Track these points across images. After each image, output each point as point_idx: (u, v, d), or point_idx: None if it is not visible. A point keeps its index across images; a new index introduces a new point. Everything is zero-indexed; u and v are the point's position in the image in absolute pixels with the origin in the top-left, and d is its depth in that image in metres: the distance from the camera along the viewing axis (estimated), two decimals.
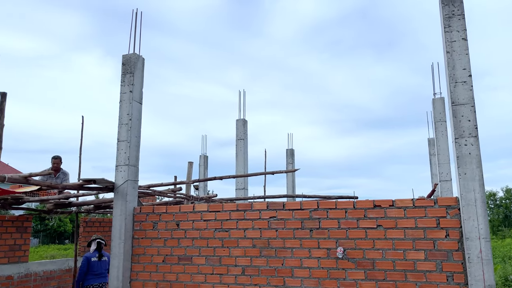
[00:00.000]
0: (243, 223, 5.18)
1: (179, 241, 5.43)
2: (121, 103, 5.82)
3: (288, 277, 4.86)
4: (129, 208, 5.58)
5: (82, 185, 5.67)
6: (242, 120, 10.34)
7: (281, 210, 5.05)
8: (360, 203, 4.78)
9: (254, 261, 5.03)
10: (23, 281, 8.18)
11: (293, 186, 13.58)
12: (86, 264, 7.00)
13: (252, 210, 5.19)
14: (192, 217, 5.44)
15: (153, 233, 5.57)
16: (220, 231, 5.26)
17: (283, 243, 4.96)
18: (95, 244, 7.24)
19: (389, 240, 4.58)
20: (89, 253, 7.19)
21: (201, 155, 14.85)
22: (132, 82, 5.83)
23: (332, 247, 4.76)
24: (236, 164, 10.19)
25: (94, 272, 7.05)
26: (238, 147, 10.24)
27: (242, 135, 10.26)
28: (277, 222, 5.03)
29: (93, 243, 7.27)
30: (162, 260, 5.45)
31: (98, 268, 7.11)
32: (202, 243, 5.31)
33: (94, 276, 7.07)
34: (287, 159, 14.15)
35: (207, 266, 5.22)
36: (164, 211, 5.61)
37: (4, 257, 7.87)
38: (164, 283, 5.37)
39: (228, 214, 5.27)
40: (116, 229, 5.52)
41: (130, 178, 5.62)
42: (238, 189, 9.89)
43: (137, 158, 5.82)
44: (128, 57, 5.95)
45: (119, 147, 5.72)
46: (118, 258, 5.42)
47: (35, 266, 8.59)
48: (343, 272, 4.67)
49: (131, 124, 5.73)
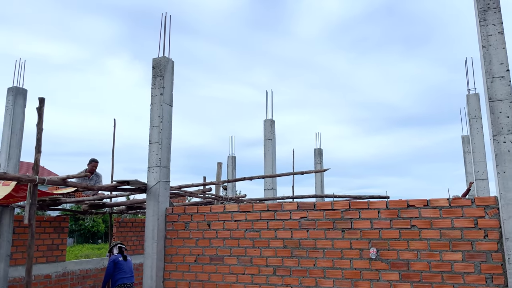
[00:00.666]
0: (274, 223, 5.18)
1: (211, 241, 5.48)
2: (152, 106, 5.94)
3: (320, 277, 4.83)
4: (161, 208, 5.68)
5: (116, 187, 5.82)
6: (269, 120, 10.34)
7: (312, 211, 5.02)
8: (393, 203, 4.69)
9: (285, 261, 5.02)
10: (60, 279, 8.47)
11: (322, 186, 13.46)
12: (113, 265, 7.34)
13: (282, 210, 5.18)
14: (222, 217, 5.48)
15: (185, 233, 5.65)
16: (251, 231, 5.28)
17: (314, 244, 4.93)
18: (117, 249, 7.58)
19: (424, 241, 4.47)
20: (114, 256, 7.47)
21: (229, 156, 14.95)
22: (162, 85, 5.94)
23: (364, 248, 4.69)
24: (265, 164, 10.20)
25: (123, 271, 7.38)
26: (266, 147, 10.25)
27: (270, 135, 10.25)
28: (308, 223, 5.00)
29: (115, 248, 7.59)
30: (194, 260, 5.52)
31: (126, 268, 7.42)
32: (233, 243, 5.34)
33: (125, 275, 7.37)
34: (315, 159, 14.05)
35: (239, 266, 5.25)
36: (195, 212, 5.68)
37: (42, 257, 8.18)
38: (196, 282, 5.44)
39: (258, 214, 5.28)
40: (149, 229, 5.63)
41: (162, 179, 5.73)
42: (266, 189, 9.89)
43: (168, 160, 5.92)
44: (158, 61, 6.05)
45: (150, 149, 5.83)
46: (152, 258, 5.53)
47: (72, 265, 8.89)
48: (377, 273, 4.59)
49: (162, 126, 5.83)
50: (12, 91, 7.31)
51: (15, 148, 7.16)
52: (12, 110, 7.19)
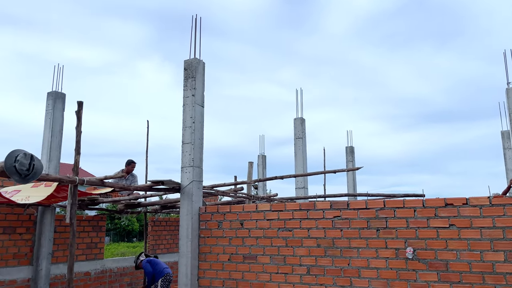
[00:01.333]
0: (307, 222, 5.16)
1: (244, 240, 5.52)
2: (184, 107, 6.04)
3: (355, 277, 4.77)
4: (195, 208, 5.77)
5: (151, 186, 5.95)
6: (300, 118, 10.30)
7: (345, 210, 4.96)
8: (430, 201, 4.57)
9: (319, 260, 4.99)
10: (99, 277, 8.77)
11: (354, 185, 13.28)
12: (149, 264, 7.65)
13: (315, 209, 5.15)
14: (255, 217, 5.51)
15: (218, 232, 5.72)
16: (284, 231, 5.28)
17: (348, 243, 4.87)
18: (143, 256, 7.93)
19: (463, 241, 4.33)
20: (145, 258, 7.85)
21: (259, 155, 14.99)
22: (194, 86, 6.02)
23: (400, 247, 4.59)
24: (295, 163, 10.16)
25: (161, 264, 7.72)
26: (297, 146, 10.21)
27: (300, 133, 10.21)
28: (341, 222, 4.95)
29: (141, 256, 7.94)
30: (227, 259, 5.58)
31: (161, 262, 7.79)
32: (266, 242, 5.36)
33: (164, 267, 7.73)
34: (346, 157, 13.87)
35: (272, 265, 5.26)
36: (228, 211, 5.74)
37: (82, 254, 8.49)
38: (230, 281, 5.49)
39: (291, 213, 5.28)
40: (184, 228, 5.73)
41: (195, 179, 5.81)
42: (298, 188, 9.85)
43: (201, 160, 6.01)
44: (189, 62, 6.15)
45: (183, 149, 5.93)
46: (186, 257, 5.63)
47: (110, 263, 9.17)
48: (414, 273, 4.49)
49: (194, 127, 5.92)
50: (51, 95, 7.62)
51: (55, 150, 7.46)
52: (52, 114, 7.49)
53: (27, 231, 7.42)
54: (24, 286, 7.26)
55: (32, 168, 3.92)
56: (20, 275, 7.22)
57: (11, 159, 3.81)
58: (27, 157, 3.91)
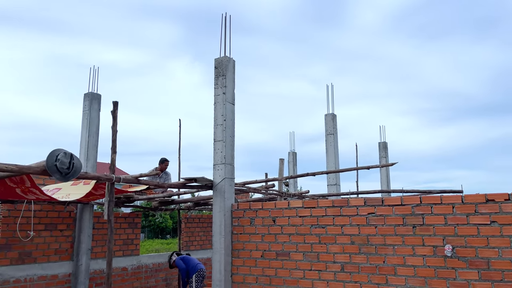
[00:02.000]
0: (340, 219, 5.09)
1: (276, 236, 5.52)
2: (216, 105, 6.09)
3: (390, 275, 4.67)
4: (227, 204, 5.82)
5: (185, 184, 6.05)
6: (331, 114, 10.17)
7: (380, 206, 4.87)
8: (470, 197, 4.40)
9: (353, 258, 4.92)
10: (135, 272, 9.01)
11: (388, 181, 12.99)
12: (181, 261, 7.88)
13: (348, 206, 5.07)
14: (287, 213, 5.50)
15: (251, 229, 5.74)
16: (317, 227, 5.24)
17: (383, 240, 4.78)
18: (175, 255, 8.12)
19: (506, 238, 4.16)
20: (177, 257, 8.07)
21: (289, 152, 14.92)
22: (224, 84, 6.06)
23: (438, 245, 4.46)
24: (327, 159, 10.05)
25: (195, 261, 7.93)
26: (328, 142, 10.09)
27: (331, 130, 10.08)
28: (376, 219, 4.86)
29: (173, 256, 8.14)
30: (260, 255, 5.59)
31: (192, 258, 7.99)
32: (299, 239, 5.33)
33: (198, 262, 7.93)
34: (380, 153, 13.58)
35: (305, 262, 5.24)
36: (260, 207, 5.75)
37: (119, 250, 8.74)
38: (263, 277, 5.51)
39: (323, 210, 5.23)
40: (216, 225, 5.79)
41: (227, 176, 5.86)
42: (330, 185, 9.74)
43: (233, 157, 6.05)
44: (220, 61, 6.19)
45: (215, 147, 5.99)
46: (219, 253, 5.69)
47: (145, 259, 9.40)
48: (453, 271, 4.35)
49: (225, 125, 5.96)
50: (88, 96, 7.87)
51: (92, 149, 7.71)
52: (88, 114, 7.74)
53: (68, 227, 7.72)
54: (65, 281, 7.56)
55: (72, 166, 4.07)
56: (62, 270, 7.52)
57: (52, 158, 3.97)
58: (67, 156, 4.06)
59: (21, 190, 5.12)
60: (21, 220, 6.93)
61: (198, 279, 7.81)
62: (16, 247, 6.94)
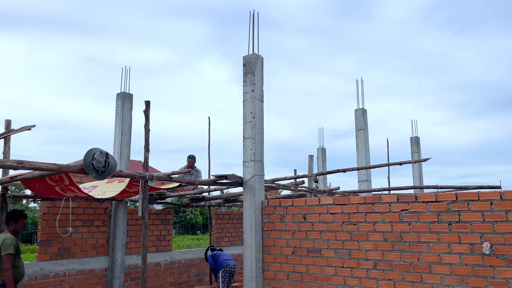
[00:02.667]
0: (372, 216, 5.02)
1: (307, 233, 5.50)
2: (244, 102, 6.12)
3: (425, 273, 4.57)
4: (257, 201, 5.85)
5: (215, 181, 6.13)
6: (361, 109, 10.02)
7: (413, 203, 4.76)
8: (509, 193, 4.24)
9: (386, 255, 4.85)
10: (168, 267, 9.21)
11: (421, 177, 12.68)
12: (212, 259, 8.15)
13: (381, 203, 5.00)
14: (318, 210, 5.47)
15: (281, 226, 5.75)
16: (348, 224, 5.19)
17: (417, 237, 4.68)
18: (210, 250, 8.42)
19: None
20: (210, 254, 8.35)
21: (318, 148, 14.81)
22: (253, 81, 6.08)
23: (476, 242, 4.33)
24: (357, 155, 9.92)
25: (222, 256, 8.09)
26: (358, 138, 9.95)
27: (362, 125, 9.94)
28: (409, 215, 4.76)
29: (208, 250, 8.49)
30: (291, 252, 5.60)
31: (225, 254, 8.20)
32: (330, 236, 5.30)
33: (227, 258, 8.10)
34: (412, 148, 13.27)
35: (337, 259, 5.20)
36: (290, 204, 5.75)
37: (152, 246, 8.95)
38: (294, 274, 5.51)
39: (355, 207, 5.17)
40: (247, 222, 5.84)
41: (257, 173, 5.89)
42: (360, 181, 9.61)
43: (262, 154, 6.06)
44: (248, 58, 6.21)
45: (244, 144, 6.02)
46: (251, 250, 5.73)
47: (178, 255, 9.59)
48: (491, 269, 4.21)
49: (254, 122, 5.98)
50: (120, 96, 8.08)
51: (125, 148, 7.92)
52: (121, 114, 7.95)
53: (103, 224, 7.97)
54: (102, 275, 7.82)
55: (108, 165, 4.20)
56: (99, 264, 7.79)
57: (89, 157, 4.11)
58: (103, 155, 4.19)
59: (60, 188, 5.33)
60: (60, 216, 7.21)
61: (225, 275, 7.89)
62: (56, 243, 7.24)
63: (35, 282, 6.86)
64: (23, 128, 3.55)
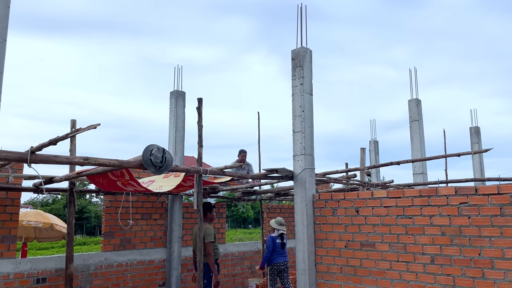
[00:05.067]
0: (428, 209, 4.87)
1: (360, 227, 5.44)
2: (293, 96, 6.13)
3: (487, 268, 4.37)
4: (308, 195, 5.86)
5: (266, 175, 6.21)
6: (415, 100, 9.66)
7: (473, 195, 4.56)
8: None
9: (444, 249, 4.69)
10: (223, 259, 9.47)
11: (481, 169, 12.01)
12: (272, 243, 7.76)
13: (437, 195, 4.83)
14: (371, 204, 5.38)
15: (333, 219, 5.72)
16: (403, 218, 5.06)
17: (478, 232, 4.47)
18: (277, 232, 7.99)
19: None
20: (273, 235, 7.92)
21: (370, 140, 14.48)
22: (302, 75, 6.08)
23: None
24: (412, 147, 9.59)
25: (277, 252, 7.86)
26: (413, 129, 9.61)
27: (416, 116, 9.59)
28: (469, 209, 4.57)
29: (276, 231, 8.01)
30: (344, 246, 5.56)
31: (280, 249, 7.94)
32: (384, 230, 5.20)
33: (278, 255, 7.89)
34: (471, 139, 12.59)
35: (391, 253, 5.10)
36: (342, 198, 5.71)
37: None
38: (348, 267, 5.48)
39: (410, 200, 5.03)
40: (299, 215, 5.87)
41: (307, 167, 5.89)
42: (416, 174, 9.30)
43: (312, 147, 6.06)
44: (297, 52, 6.21)
45: (294, 138, 6.04)
46: (303, 243, 5.76)
47: (231, 247, 9.83)
48: None
49: (304, 116, 5.98)
50: (173, 94, 8.39)
51: (179, 144, 8.23)
52: (175, 111, 8.26)
53: (160, 217, 8.35)
54: (160, 266, 8.21)
55: (164, 160, 4.41)
56: (157, 256, 8.18)
57: (147, 153, 4.33)
58: (160, 151, 4.40)
59: (121, 182, 5.65)
60: (121, 210, 7.66)
61: (272, 272, 7.84)
62: (118, 235, 7.70)
63: (101, 271, 7.35)
64: (90, 126, 3.82)
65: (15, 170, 6.44)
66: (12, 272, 6.27)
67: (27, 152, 3.83)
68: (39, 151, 3.99)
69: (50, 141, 4.02)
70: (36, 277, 6.54)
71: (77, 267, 6.99)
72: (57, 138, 3.99)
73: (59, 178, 5.74)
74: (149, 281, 7.99)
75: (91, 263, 7.25)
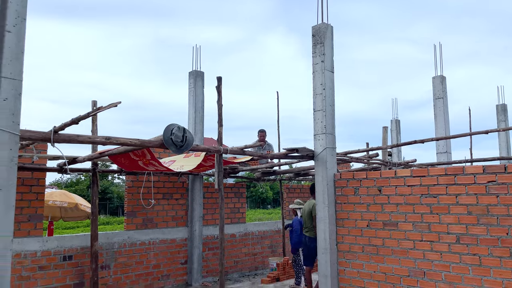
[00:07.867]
0: (454, 188, 4.74)
1: (383, 206, 5.36)
2: (314, 74, 6.00)
3: None
4: (329, 174, 5.79)
5: (286, 154, 6.15)
6: (439, 77, 9.36)
7: (502, 174, 4.40)
8: None
9: (470, 229, 4.57)
10: (243, 238, 9.56)
11: (508, 147, 11.66)
12: (300, 226, 7.60)
13: (464, 174, 4.69)
14: (394, 183, 5.28)
15: (355, 199, 5.65)
16: (427, 197, 4.95)
17: (506, 210, 4.34)
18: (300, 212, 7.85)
19: None
20: (297, 218, 7.86)
21: (392, 120, 14.21)
22: (323, 52, 5.93)
23: None
24: (435, 125, 9.35)
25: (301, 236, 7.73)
26: (437, 107, 9.35)
27: (440, 93, 9.30)
28: (497, 187, 4.42)
29: (299, 211, 7.91)
30: (366, 225, 5.50)
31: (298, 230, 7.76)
32: (408, 209, 5.11)
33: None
34: (498, 116, 12.19)
35: (415, 233, 5.02)
36: (364, 177, 5.62)
37: (227, 218, 9.32)
38: (370, 247, 5.43)
39: (435, 179, 4.91)
40: (320, 194, 5.82)
41: (328, 146, 5.80)
42: (439, 153, 9.08)
43: (333, 126, 5.95)
44: (317, 28, 6.04)
45: (315, 116, 5.94)
46: (324, 222, 5.73)
47: (251, 227, 9.90)
48: None
49: (325, 94, 5.86)
50: (192, 74, 8.34)
51: (199, 124, 8.22)
52: (194, 91, 8.23)
53: (182, 196, 8.44)
54: (182, 244, 8.34)
55: (185, 140, 4.40)
56: (179, 235, 8.31)
57: (168, 132, 4.33)
58: (181, 130, 4.39)
59: (142, 162, 5.70)
60: (142, 190, 7.76)
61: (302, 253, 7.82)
62: (140, 214, 7.83)
63: (124, 249, 7.52)
64: (111, 105, 3.82)
65: (40, 151, 6.57)
66: (39, 250, 6.46)
67: (50, 131, 3.87)
68: (62, 130, 4.03)
69: (72, 120, 4.04)
70: (62, 254, 6.74)
71: (101, 245, 7.16)
72: (79, 117, 4.02)
73: (82, 158, 5.82)
74: (171, 259, 8.14)
75: (115, 241, 7.41)
